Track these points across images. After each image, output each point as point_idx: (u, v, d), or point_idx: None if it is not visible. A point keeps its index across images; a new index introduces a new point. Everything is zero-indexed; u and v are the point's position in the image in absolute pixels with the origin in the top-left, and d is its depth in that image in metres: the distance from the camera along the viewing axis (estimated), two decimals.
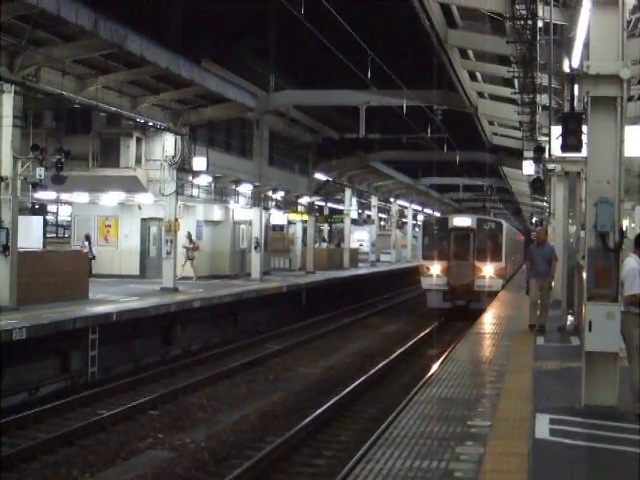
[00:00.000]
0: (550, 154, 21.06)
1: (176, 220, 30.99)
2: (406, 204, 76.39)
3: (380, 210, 70.49)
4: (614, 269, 10.93)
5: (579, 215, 22.05)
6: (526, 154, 31.35)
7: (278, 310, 35.22)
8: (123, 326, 22.94)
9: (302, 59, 41.29)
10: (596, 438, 9.87)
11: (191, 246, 35.47)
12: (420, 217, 75.84)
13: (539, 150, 24.74)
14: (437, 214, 76.90)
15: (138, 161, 30.90)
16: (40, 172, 23.40)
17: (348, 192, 57.54)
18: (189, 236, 35.39)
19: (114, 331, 22.45)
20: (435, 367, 20.77)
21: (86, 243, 33.92)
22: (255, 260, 38.78)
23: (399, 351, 26.37)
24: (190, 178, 33.12)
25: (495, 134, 41.58)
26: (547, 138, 21.81)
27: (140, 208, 36.06)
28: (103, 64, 25.73)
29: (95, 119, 30.82)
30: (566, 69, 19.49)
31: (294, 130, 44.18)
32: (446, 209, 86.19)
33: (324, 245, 62.73)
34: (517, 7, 17.87)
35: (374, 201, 65.75)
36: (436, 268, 36.42)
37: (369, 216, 67.02)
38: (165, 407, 18.37)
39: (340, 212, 60.34)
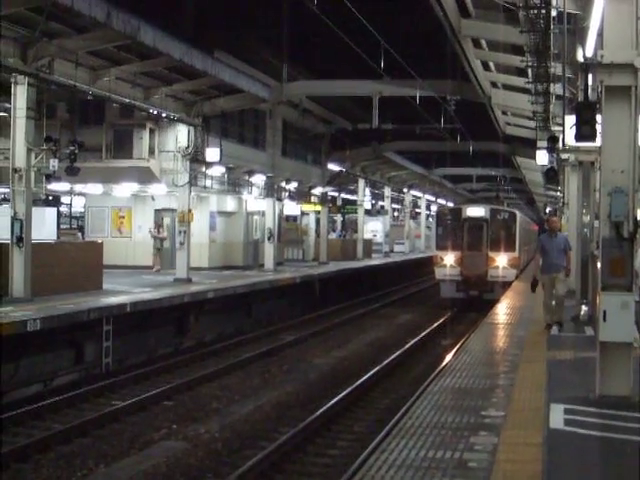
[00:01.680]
0: (564, 144, 21.00)
1: (189, 211, 31.02)
2: (419, 194, 76.29)
3: (393, 200, 70.40)
4: (628, 259, 10.90)
5: (593, 205, 21.97)
6: (540, 144, 31.26)
7: (292, 301, 35.24)
8: (137, 317, 22.98)
9: (315, 49, 41.19)
10: (610, 428, 9.85)
11: (159, 236, 34.78)
12: (434, 207, 75.74)
13: (553, 140, 24.67)
14: (450, 204, 76.78)
15: (151, 152, 30.92)
16: (54, 163, 23.42)
17: (361, 182, 57.47)
18: (157, 225, 35.02)
19: (128, 322, 22.49)
20: (449, 357, 20.76)
21: (79, 234, 34.07)
22: (268, 251, 38.79)
23: (413, 341, 26.37)
24: (203, 169, 33.12)
25: (508, 124, 41.50)
26: (561, 128, 21.74)
27: (153, 199, 36.13)
28: (116, 55, 25.82)
29: (108, 110, 30.82)
30: (580, 58, 19.43)
31: (307, 121, 44.13)
32: (459, 199, 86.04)
33: (333, 235, 62.59)
34: None
35: (387, 191, 65.64)
36: (450, 258, 36.41)
37: (382, 206, 66.94)
38: (179, 398, 18.42)
39: (353, 203, 60.29)
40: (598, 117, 11.40)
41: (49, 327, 18.88)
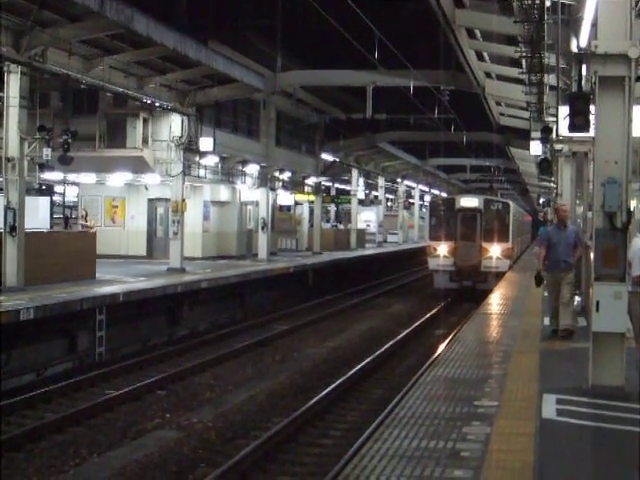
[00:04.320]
0: (558, 134, 20.99)
1: (183, 200, 30.99)
2: (413, 185, 76.29)
3: (387, 191, 70.41)
4: (621, 249, 10.91)
5: (586, 195, 21.99)
6: (533, 134, 31.34)
7: (285, 291, 35.25)
8: (130, 306, 22.97)
9: (309, 39, 41.13)
10: (603, 418, 9.87)
11: (86, 224, 33.49)
12: (427, 198, 75.76)
13: (546, 130, 24.69)
14: (444, 195, 76.82)
15: (145, 141, 30.85)
16: (47, 153, 23.39)
17: (355, 173, 57.47)
18: (85, 215, 34.47)
19: (121, 311, 22.49)
20: (442, 347, 20.79)
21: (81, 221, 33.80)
22: (262, 241, 38.80)
23: (406, 332, 26.39)
24: (197, 159, 33.10)
25: (502, 114, 41.47)
26: (555, 118, 21.79)
27: (147, 189, 36.09)
28: (110, 44, 25.74)
29: (102, 99, 30.77)
30: (574, 49, 19.39)
31: (301, 110, 44.11)
32: (453, 190, 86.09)
33: (327, 225, 62.51)
34: None
35: (381, 182, 65.64)
36: (443, 249, 36.44)
37: (376, 197, 66.92)
38: (172, 387, 18.43)
39: (347, 193, 60.28)
40: (592, 108, 11.39)
41: (42, 316, 18.86)
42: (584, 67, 13.48)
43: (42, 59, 22.49)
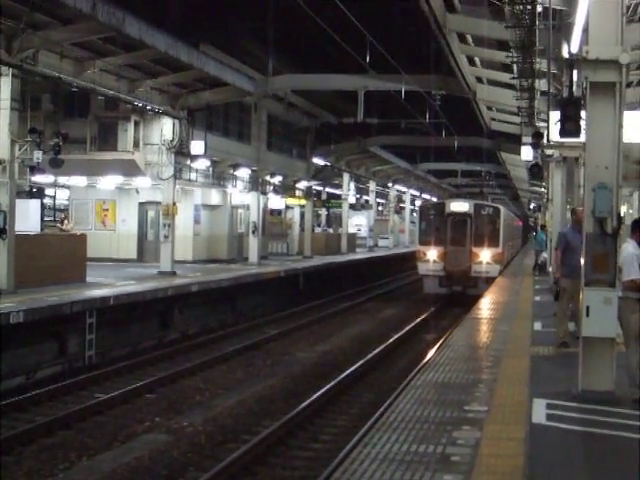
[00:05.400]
0: (548, 140, 21.03)
1: (174, 204, 30.97)
2: (404, 189, 76.34)
3: (378, 195, 70.45)
4: (612, 254, 10.91)
5: (577, 201, 22.01)
6: (524, 139, 31.38)
7: (275, 294, 35.21)
8: (121, 310, 22.94)
9: (301, 43, 41.13)
10: (592, 423, 9.88)
11: (64, 228, 32.90)
12: (418, 202, 75.84)
13: (537, 136, 24.73)
14: (435, 199, 76.88)
15: (136, 145, 30.87)
16: (38, 155, 23.38)
17: (346, 177, 57.50)
18: (62, 218, 34.20)
19: (111, 315, 22.45)
20: (432, 352, 20.79)
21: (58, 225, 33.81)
22: (253, 244, 38.76)
23: (396, 336, 26.39)
24: (188, 162, 33.08)
25: (493, 119, 41.55)
26: (546, 123, 21.80)
27: (138, 192, 36.05)
28: (101, 47, 25.73)
29: (93, 102, 30.76)
30: (565, 54, 19.46)
31: (292, 114, 44.14)
32: (444, 194, 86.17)
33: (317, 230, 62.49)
34: None
35: (372, 186, 65.71)
36: (433, 253, 36.41)
37: (367, 201, 66.93)
38: (162, 391, 18.41)
39: (338, 197, 60.29)
40: (583, 113, 11.41)
41: (32, 319, 18.83)
42: (575, 73, 13.51)
43: (34, 62, 22.49)
